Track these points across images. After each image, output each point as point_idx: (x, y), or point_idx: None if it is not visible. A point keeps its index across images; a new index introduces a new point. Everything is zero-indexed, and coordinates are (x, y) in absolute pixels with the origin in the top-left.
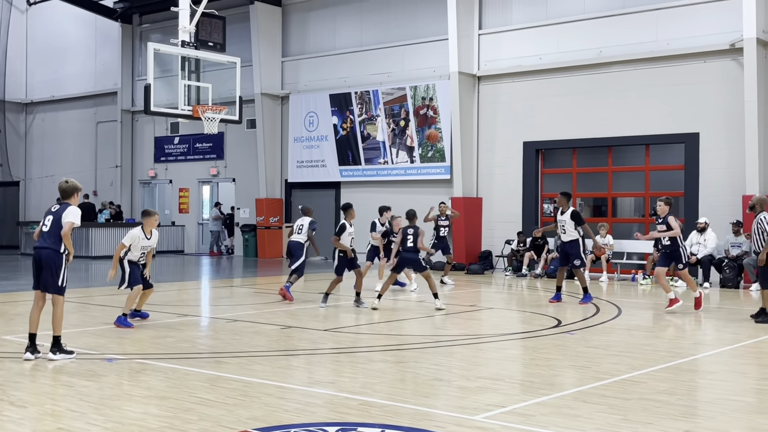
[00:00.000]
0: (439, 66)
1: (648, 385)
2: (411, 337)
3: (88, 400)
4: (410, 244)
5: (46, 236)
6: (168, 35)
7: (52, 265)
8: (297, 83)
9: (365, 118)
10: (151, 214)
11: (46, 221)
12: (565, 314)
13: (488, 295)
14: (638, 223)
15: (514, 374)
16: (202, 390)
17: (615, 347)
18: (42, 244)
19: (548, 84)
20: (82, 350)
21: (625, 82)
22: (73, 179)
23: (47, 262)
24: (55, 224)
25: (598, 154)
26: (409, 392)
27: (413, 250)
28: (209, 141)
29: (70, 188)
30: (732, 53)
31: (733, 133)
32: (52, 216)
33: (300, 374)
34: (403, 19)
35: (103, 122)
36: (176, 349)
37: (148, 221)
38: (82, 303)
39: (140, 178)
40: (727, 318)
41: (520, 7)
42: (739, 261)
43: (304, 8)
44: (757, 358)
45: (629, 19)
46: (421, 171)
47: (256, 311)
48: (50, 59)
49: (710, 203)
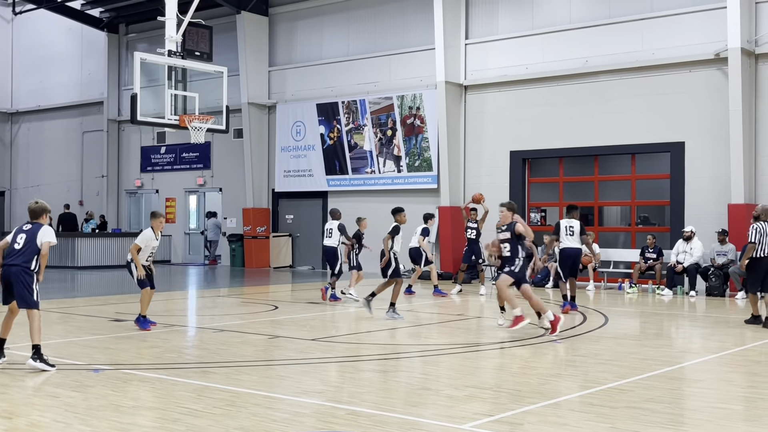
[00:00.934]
0: (426, 75)
1: (635, 393)
2: (399, 346)
3: (74, 410)
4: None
5: (17, 254)
6: (155, 45)
7: (23, 281)
8: (284, 93)
9: (352, 128)
10: (158, 215)
11: (18, 239)
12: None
13: (476, 304)
14: (624, 232)
15: (502, 383)
16: (189, 400)
17: (602, 355)
18: (12, 261)
19: (535, 93)
20: (67, 361)
21: (611, 92)
22: (42, 200)
23: (17, 278)
24: (29, 243)
25: (585, 164)
26: (397, 401)
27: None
28: (196, 150)
29: (39, 209)
30: (717, 63)
31: (719, 142)
32: (25, 235)
33: (287, 384)
34: (390, 28)
35: (89, 132)
36: (163, 359)
37: (157, 222)
38: (68, 313)
39: (126, 187)
40: (713, 326)
41: (507, 17)
42: (724, 269)
43: (291, 18)
44: (743, 366)
45: (615, 29)
46: (408, 180)
47: (243, 321)
48: (36, 69)
49: (696, 212)
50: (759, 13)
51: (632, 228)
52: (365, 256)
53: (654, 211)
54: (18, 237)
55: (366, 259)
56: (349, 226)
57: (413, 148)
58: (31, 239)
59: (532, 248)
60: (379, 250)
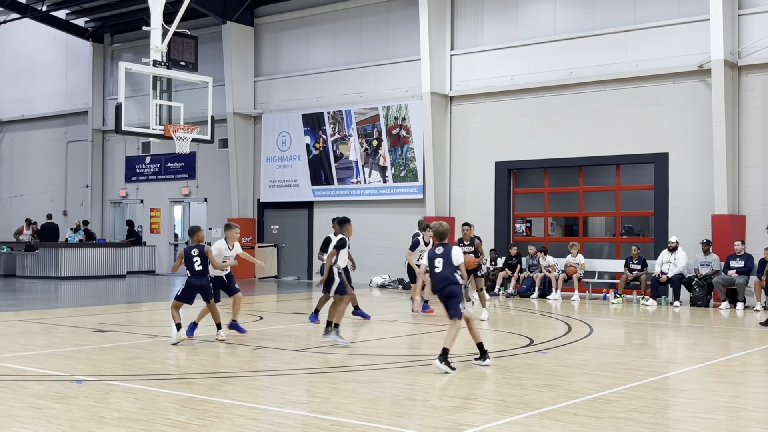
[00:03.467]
0: (412, 86)
1: (620, 404)
2: (383, 357)
3: (57, 422)
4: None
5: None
6: (140, 55)
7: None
8: (269, 103)
9: (338, 138)
10: (233, 227)
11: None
12: (538, 333)
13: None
14: (609, 243)
15: (487, 393)
16: (173, 411)
17: (587, 366)
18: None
19: (520, 104)
20: (50, 372)
21: (596, 103)
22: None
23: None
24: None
25: (570, 174)
26: (383, 412)
27: (200, 274)
28: (181, 160)
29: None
30: (700, 74)
31: (702, 153)
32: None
33: (272, 395)
34: (376, 39)
35: (74, 142)
36: (146, 370)
37: (231, 233)
38: (51, 324)
39: (111, 197)
40: (697, 336)
41: (492, 29)
42: (708, 280)
43: (276, 28)
44: (727, 376)
45: (599, 41)
46: (393, 191)
47: (228, 332)
48: (20, 78)
49: (679, 222)
50: (742, 25)
51: (617, 238)
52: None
53: (638, 221)
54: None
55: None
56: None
57: (399, 158)
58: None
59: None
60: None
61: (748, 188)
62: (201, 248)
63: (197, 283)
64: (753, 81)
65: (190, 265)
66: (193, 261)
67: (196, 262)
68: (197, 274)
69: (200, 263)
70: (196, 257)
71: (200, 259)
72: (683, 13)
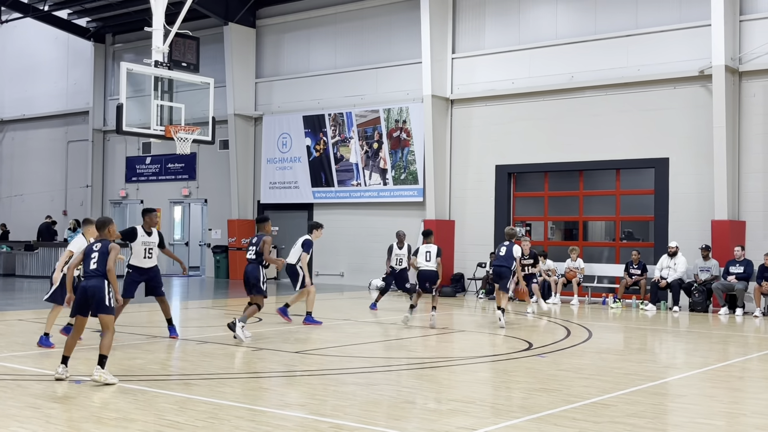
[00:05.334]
0: (413, 89)
1: (618, 409)
2: (382, 360)
3: (55, 422)
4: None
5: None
6: (141, 55)
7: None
8: (270, 104)
9: (338, 140)
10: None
11: None
12: (537, 337)
13: (460, 318)
14: (609, 247)
15: (486, 397)
16: (171, 412)
17: (585, 370)
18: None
19: (520, 108)
20: (49, 372)
21: (597, 107)
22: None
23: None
24: None
25: (570, 178)
26: (381, 415)
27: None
28: (181, 161)
29: None
30: (701, 80)
31: (702, 158)
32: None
33: (270, 396)
34: (377, 42)
35: (74, 141)
36: (145, 370)
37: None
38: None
39: (111, 198)
40: (696, 342)
41: (493, 32)
42: (708, 285)
43: (278, 30)
44: (725, 381)
45: (601, 45)
46: (393, 193)
47: (226, 333)
48: (21, 78)
49: (679, 227)
50: (743, 30)
51: (617, 243)
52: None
53: (638, 226)
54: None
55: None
56: (341, 239)
57: (399, 161)
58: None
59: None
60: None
61: (748, 194)
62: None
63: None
64: (754, 87)
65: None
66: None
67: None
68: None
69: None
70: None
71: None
72: (684, 19)
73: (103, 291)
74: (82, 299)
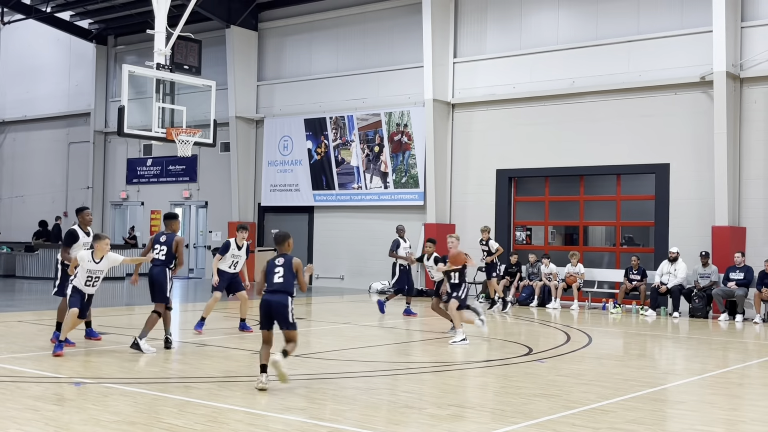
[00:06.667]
0: (414, 93)
1: (617, 415)
2: (381, 364)
3: (55, 424)
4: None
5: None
6: (143, 57)
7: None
8: (272, 107)
9: (339, 143)
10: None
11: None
12: (537, 342)
13: None
14: (609, 252)
15: (485, 402)
16: (171, 415)
17: (585, 376)
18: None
19: (521, 113)
20: (48, 374)
21: (597, 113)
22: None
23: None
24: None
25: (570, 183)
26: (380, 419)
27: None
28: (182, 163)
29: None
30: (702, 86)
31: (703, 164)
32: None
33: (270, 400)
34: (379, 45)
35: (76, 143)
36: (145, 373)
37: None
38: (50, 325)
39: (112, 199)
40: (696, 348)
41: (495, 37)
42: (708, 291)
43: (280, 33)
44: (725, 388)
45: (602, 51)
46: (394, 197)
47: (226, 336)
48: (23, 79)
49: (680, 233)
50: (744, 37)
51: (617, 248)
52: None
53: (638, 231)
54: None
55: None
56: (341, 242)
57: (400, 164)
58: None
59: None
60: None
61: (748, 200)
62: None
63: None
64: (755, 93)
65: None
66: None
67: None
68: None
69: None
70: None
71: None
72: (686, 25)
73: (287, 307)
74: (266, 313)
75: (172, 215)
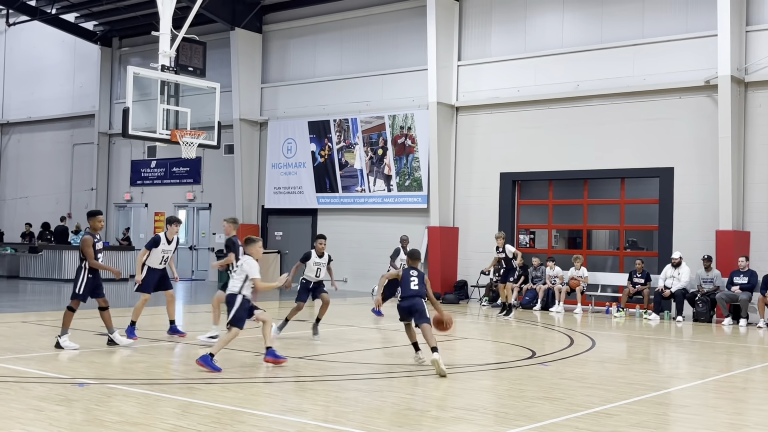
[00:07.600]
0: (418, 96)
1: (621, 418)
2: (384, 366)
3: (58, 425)
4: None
5: None
6: (148, 59)
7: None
8: (276, 110)
9: (343, 146)
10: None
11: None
12: (540, 345)
13: (463, 325)
14: (613, 256)
15: (489, 405)
16: (174, 416)
17: (589, 379)
18: None
19: (526, 116)
20: (52, 374)
21: (602, 116)
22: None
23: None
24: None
25: (574, 187)
26: (383, 422)
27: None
28: (186, 165)
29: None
30: (707, 90)
31: (707, 168)
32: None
33: (273, 402)
34: (383, 48)
35: (80, 144)
36: (148, 374)
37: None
38: (54, 326)
39: (116, 201)
40: (699, 352)
41: (499, 40)
42: (711, 295)
43: (284, 35)
44: (728, 392)
45: (606, 54)
46: (398, 200)
47: None
48: (28, 80)
49: (684, 237)
50: (749, 41)
51: (620, 252)
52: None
53: (642, 235)
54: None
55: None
56: (344, 246)
57: (404, 167)
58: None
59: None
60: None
61: (753, 204)
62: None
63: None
64: (759, 97)
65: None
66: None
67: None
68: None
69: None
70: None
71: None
72: (691, 29)
73: (423, 306)
74: (408, 312)
75: (96, 212)
